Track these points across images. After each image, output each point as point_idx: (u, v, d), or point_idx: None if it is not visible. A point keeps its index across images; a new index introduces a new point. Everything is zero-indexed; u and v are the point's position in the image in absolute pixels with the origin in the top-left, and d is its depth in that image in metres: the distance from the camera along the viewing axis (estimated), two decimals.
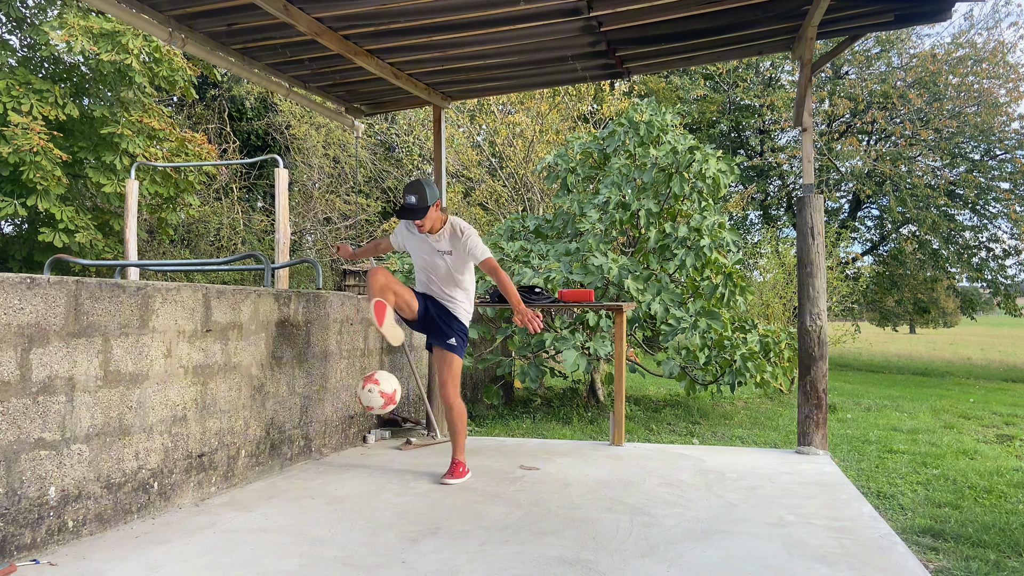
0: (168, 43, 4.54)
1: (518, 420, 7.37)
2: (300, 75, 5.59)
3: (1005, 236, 17.64)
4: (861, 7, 4.79)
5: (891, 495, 4.83)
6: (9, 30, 11.27)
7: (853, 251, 17.52)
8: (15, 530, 2.88)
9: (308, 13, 4.45)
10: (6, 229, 11.53)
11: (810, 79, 5.00)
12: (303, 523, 3.43)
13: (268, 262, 6.11)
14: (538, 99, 12.04)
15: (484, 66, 5.47)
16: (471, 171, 13.32)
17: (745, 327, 7.40)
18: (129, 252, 8.74)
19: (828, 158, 17.60)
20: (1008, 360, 21.54)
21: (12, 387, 2.87)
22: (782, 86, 18.43)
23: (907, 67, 17.30)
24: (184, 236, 14.84)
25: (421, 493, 4.00)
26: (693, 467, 4.65)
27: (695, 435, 6.90)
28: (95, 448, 3.23)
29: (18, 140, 9.25)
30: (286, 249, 8.12)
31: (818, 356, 4.94)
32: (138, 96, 10.85)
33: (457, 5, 4.39)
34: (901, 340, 32.99)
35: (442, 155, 6.15)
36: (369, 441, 5.47)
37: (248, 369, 4.20)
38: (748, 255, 13.84)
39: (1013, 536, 3.93)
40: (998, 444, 7.02)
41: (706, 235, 7.15)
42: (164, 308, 3.61)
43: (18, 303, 2.89)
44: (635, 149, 7.71)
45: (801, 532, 3.33)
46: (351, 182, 15.97)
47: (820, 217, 4.97)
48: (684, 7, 4.54)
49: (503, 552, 3.05)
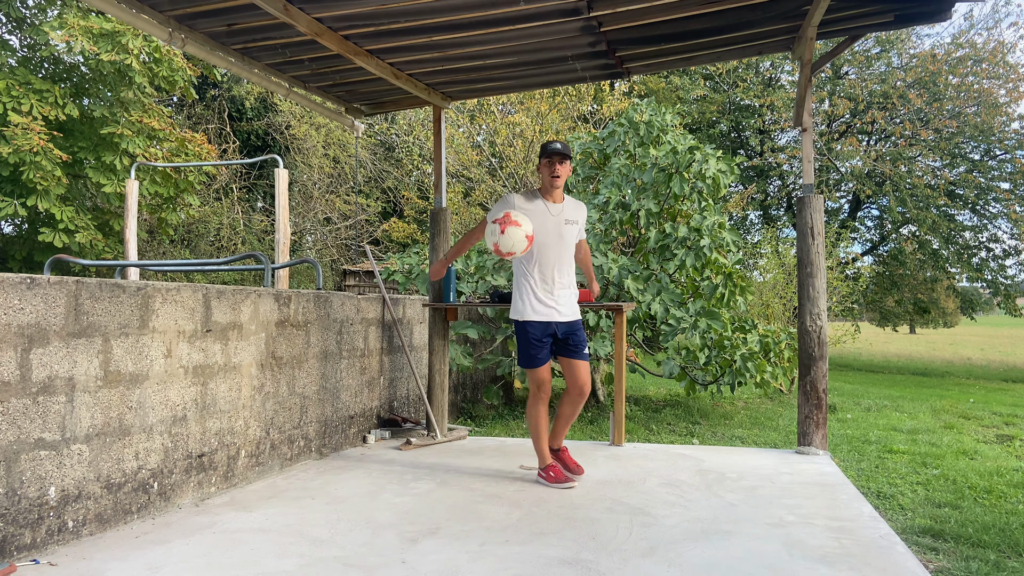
0: (168, 43, 4.54)
1: (518, 420, 7.37)
2: (300, 75, 5.59)
3: (1005, 236, 17.64)
4: (861, 7, 4.79)
5: (891, 495, 4.83)
6: (9, 30, 11.27)
7: (853, 251, 17.50)
8: (15, 530, 2.88)
9: (308, 13, 4.45)
10: (6, 229, 11.53)
11: (810, 79, 5.00)
12: (303, 523, 3.43)
13: (268, 262, 6.11)
14: (538, 99, 12.04)
15: (484, 66, 5.47)
16: (471, 171, 13.32)
17: (745, 327, 7.40)
18: (129, 252, 8.74)
19: (828, 158, 17.60)
20: (1008, 360, 21.54)
21: (12, 387, 2.87)
22: (782, 86, 18.43)
23: (907, 67, 17.30)
24: (184, 236, 14.84)
25: (421, 493, 4.00)
26: (693, 467, 4.65)
27: (695, 435, 6.90)
28: (95, 448, 3.23)
29: (18, 140, 9.25)
30: (286, 249, 8.13)
31: (818, 356, 4.94)
32: (138, 96, 10.85)
33: (457, 5, 4.39)
34: (901, 340, 32.99)
35: (442, 155, 6.15)
36: (369, 441, 5.48)
37: (248, 369, 4.20)
38: (748, 255, 13.84)
39: (1013, 536, 3.93)
40: (998, 444, 7.02)
41: (706, 235, 7.15)
42: (164, 308, 3.61)
43: (18, 303, 2.89)
44: (635, 149, 7.71)
45: (801, 532, 3.33)
46: (351, 182, 15.97)
47: (820, 217, 4.97)
48: (684, 7, 4.53)
49: (503, 552, 3.05)
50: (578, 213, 4.17)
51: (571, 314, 4.14)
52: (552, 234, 4.07)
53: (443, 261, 4.62)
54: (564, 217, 4.07)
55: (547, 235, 4.06)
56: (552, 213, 4.06)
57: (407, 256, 8.25)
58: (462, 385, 7.58)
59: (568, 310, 4.13)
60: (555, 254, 4.07)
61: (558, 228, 4.06)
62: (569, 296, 4.14)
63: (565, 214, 4.08)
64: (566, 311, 4.12)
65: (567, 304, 4.13)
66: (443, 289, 5.76)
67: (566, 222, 4.07)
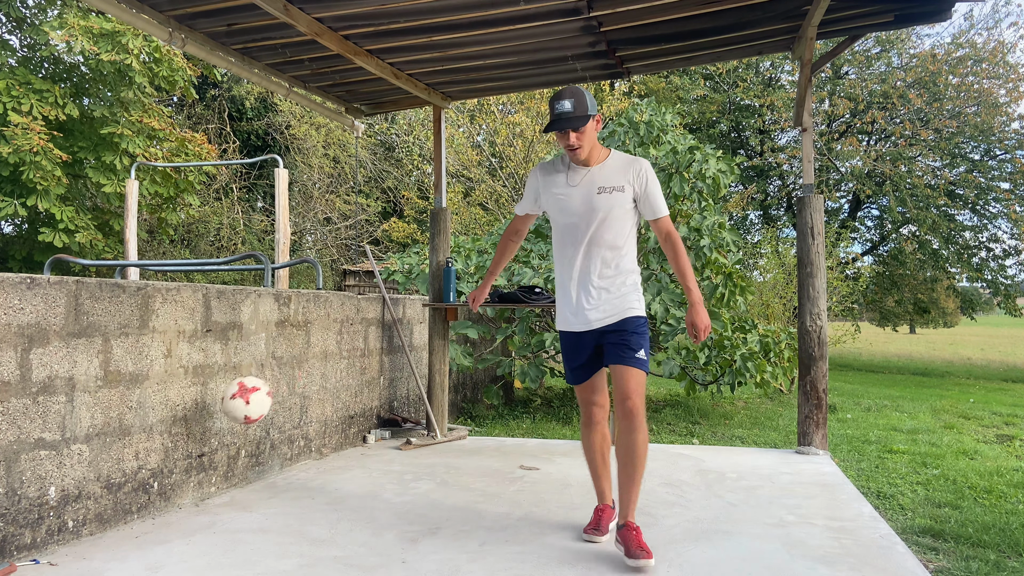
0: (168, 43, 4.54)
1: (518, 420, 7.37)
2: (300, 75, 5.59)
3: (1005, 236, 17.64)
4: (861, 7, 4.79)
5: (891, 495, 4.83)
6: (9, 30, 11.27)
7: (853, 251, 17.51)
8: (15, 530, 2.88)
9: (308, 13, 4.45)
10: (6, 229, 11.53)
11: (810, 79, 5.00)
12: (303, 523, 3.43)
13: (268, 262, 6.11)
14: (538, 99, 12.04)
15: (484, 66, 5.47)
16: (471, 171, 13.32)
17: (745, 327, 7.40)
18: (129, 252, 8.74)
19: (828, 158, 17.59)
20: (1008, 360, 21.54)
21: (12, 387, 2.87)
22: (782, 86, 18.42)
23: (907, 67, 17.29)
24: (184, 236, 14.84)
25: (421, 493, 4.00)
26: (693, 467, 4.65)
27: (695, 435, 6.90)
28: (95, 448, 3.23)
29: (18, 140, 9.25)
30: (286, 249, 8.12)
31: (818, 356, 4.94)
32: (138, 96, 10.85)
33: (457, 5, 4.39)
34: (901, 340, 32.99)
35: (442, 155, 6.16)
36: (369, 441, 5.48)
37: (248, 369, 4.20)
38: (748, 255, 13.84)
39: (1013, 536, 3.93)
40: (998, 444, 7.02)
41: (706, 235, 7.15)
42: (164, 308, 3.61)
43: (18, 303, 2.89)
44: (635, 149, 7.71)
45: (801, 532, 3.33)
46: (351, 182, 15.96)
47: (820, 217, 4.97)
48: (684, 7, 4.53)
49: (503, 552, 3.05)
50: (624, 174, 3.06)
51: (610, 314, 3.08)
52: (576, 211, 3.06)
53: (484, 283, 3.60)
54: (596, 184, 3.03)
55: (568, 213, 3.08)
56: (572, 182, 3.07)
57: (407, 256, 8.25)
58: (462, 385, 7.58)
59: (605, 311, 3.09)
60: (581, 237, 3.06)
61: (587, 200, 3.03)
62: (607, 297, 3.09)
63: (598, 179, 3.04)
64: (601, 314, 3.10)
65: (606, 305, 3.09)
66: (443, 289, 5.76)
67: (599, 190, 3.02)
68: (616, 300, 3.09)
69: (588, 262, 3.09)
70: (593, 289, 3.09)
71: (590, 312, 3.10)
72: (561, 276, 3.18)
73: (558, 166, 3.18)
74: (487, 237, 8.63)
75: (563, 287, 3.17)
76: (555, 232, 3.18)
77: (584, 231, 3.06)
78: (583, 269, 3.10)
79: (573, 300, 3.13)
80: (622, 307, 3.09)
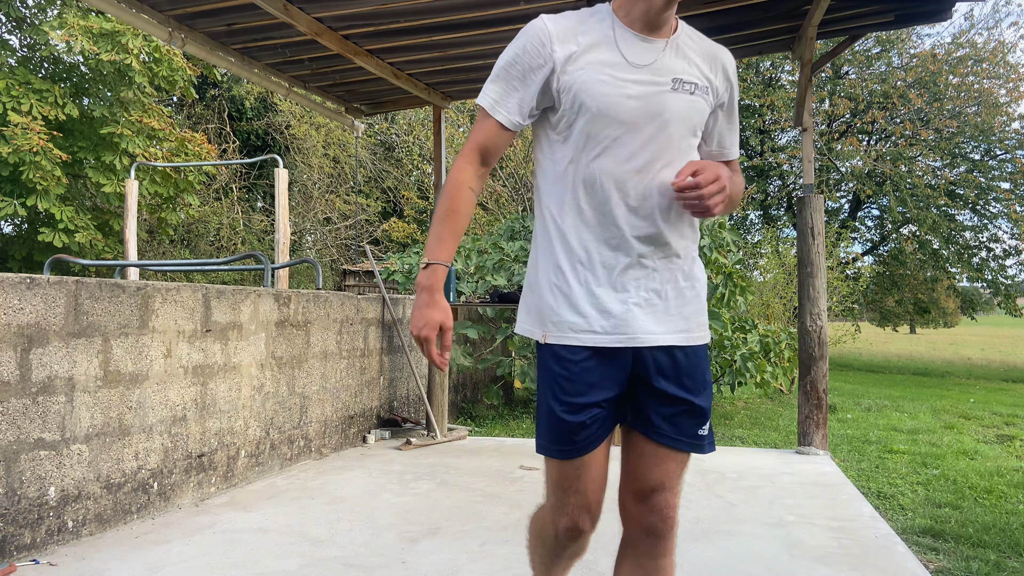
0: (168, 43, 4.54)
1: (518, 420, 7.37)
2: (300, 75, 5.59)
3: (1005, 236, 17.64)
4: (861, 7, 4.79)
5: (891, 495, 4.83)
6: (9, 30, 11.27)
7: (853, 251, 17.51)
8: (15, 530, 2.87)
9: (308, 13, 4.45)
10: (6, 229, 11.53)
11: (810, 79, 5.00)
12: (303, 523, 3.43)
13: (268, 262, 6.11)
14: None
15: (484, 66, 5.47)
16: None
17: (745, 327, 7.40)
18: (129, 252, 8.74)
19: (828, 158, 17.59)
20: (1008, 360, 21.54)
21: (12, 387, 2.86)
22: (782, 86, 18.42)
23: (907, 67, 17.29)
24: (184, 236, 14.84)
25: (421, 493, 4.00)
26: (693, 467, 4.65)
27: None
28: (95, 448, 3.23)
29: (18, 140, 9.25)
30: (286, 249, 8.12)
31: (818, 356, 4.94)
32: (138, 96, 10.85)
33: (457, 5, 4.39)
34: (901, 340, 32.99)
35: (442, 155, 6.15)
36: (369, 441, 5.47)
37: (248, 369, 4.20)
38: (748, 255, 13.84)
39: (1013, 536, 3.93)
40: (998, 444, 7.02)
41: (706, 235, 7.15)
42: (164, 308, 3.61)
43: (18, 303, 2.89)
44: None
45: (801, 532, 3.32)
46: (351, 182, 15.96)
47: (820, 217, 4.97)
48: (684, 7, 4.53)
49: (503, 552, 3.04)
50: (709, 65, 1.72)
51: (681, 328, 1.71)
52: (633, 117, 1.63)
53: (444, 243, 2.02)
54: (671, 72, 1.66)
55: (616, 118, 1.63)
56: (640, 61, 1.64)
57: (407, 256, 8.26)
58: (462, 385, 7.58)
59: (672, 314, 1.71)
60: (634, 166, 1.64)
61: (655, 99, 1.64)
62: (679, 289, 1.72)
63: (678, 68, 1.67)
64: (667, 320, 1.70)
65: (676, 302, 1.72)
66: (443, 289, 5.76)
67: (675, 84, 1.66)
68: (692, 300, 1.74)
69: (645, 219, 1.65)
70: (652, 271, 1.67)
71: (643, 312, 1.67)
72: (567, 241, 1.68)
73: (600, 27, 1.66)
74: (487, 237, 8.63)
75: (571, 259, 1.68)
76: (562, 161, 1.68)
77: (641, 156, 1.63)
78: (633, 230, 1.64)
79: (601, 281, 1.66)
80: (698, 315, 1.75)
